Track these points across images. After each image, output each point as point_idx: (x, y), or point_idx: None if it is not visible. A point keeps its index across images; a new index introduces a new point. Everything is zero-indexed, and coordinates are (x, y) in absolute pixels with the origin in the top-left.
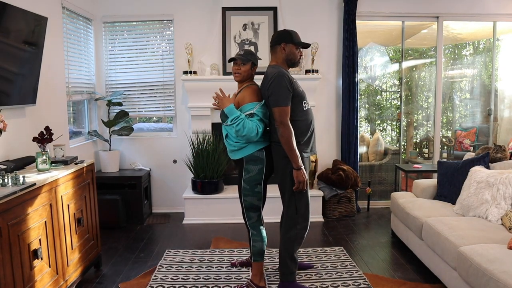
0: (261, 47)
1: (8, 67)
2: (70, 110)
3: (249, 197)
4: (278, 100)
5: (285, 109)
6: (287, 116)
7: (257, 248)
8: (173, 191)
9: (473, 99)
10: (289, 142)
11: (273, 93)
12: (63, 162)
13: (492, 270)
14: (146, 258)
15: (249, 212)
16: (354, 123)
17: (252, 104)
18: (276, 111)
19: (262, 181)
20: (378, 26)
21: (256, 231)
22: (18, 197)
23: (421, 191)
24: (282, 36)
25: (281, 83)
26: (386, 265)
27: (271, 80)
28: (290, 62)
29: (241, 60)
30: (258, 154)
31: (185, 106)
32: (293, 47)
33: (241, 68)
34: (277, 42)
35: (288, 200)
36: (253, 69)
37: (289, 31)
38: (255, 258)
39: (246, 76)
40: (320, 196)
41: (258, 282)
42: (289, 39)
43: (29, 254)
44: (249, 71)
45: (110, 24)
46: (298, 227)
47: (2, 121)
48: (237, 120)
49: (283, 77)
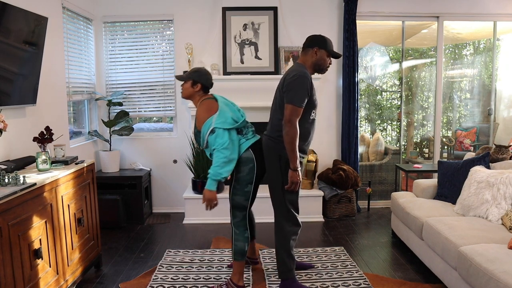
0: (261, 47)
1: (9, 67)
2: (70, 110)
3: (237, 196)
4: (294, 98)
5: (298, 109)
6: (297, 116)
7: (238, 247)
8: (173, 191)
9: (473, 99)
10: (293, 142)
11: (291, 90)
12: (63, 162)
13: (492, 270)
14: (147, 258)
15: (235, 211)
16: (354, 123)
17: (208, 122)
18: (288, 107)
19: (253, 181)
20: (379, 26)
21: (239, 230)
22: (18, 197)
23: (421, 191)
24: (317, 41)
25: (302, 83)
26: (386, 265)
27: (294, 77)
28: (318, 68)
29: (179, 79)
30: (247, 155)
31: (185, 106)
32: (325, 54)
33: (183, 85)
34: (311, 45)
35: (278, 197)
36: (195, 87)
37: (325, 38)
38: (236, 257)
39: (189, 93)
40: (321, 196)
41: (237, 282)
42: (323, 45)
43: (29, 254)
44: (189, 88)
45: (110, 24)
46: (290, 224)
47: (3, 121)
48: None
49: (306, 78)
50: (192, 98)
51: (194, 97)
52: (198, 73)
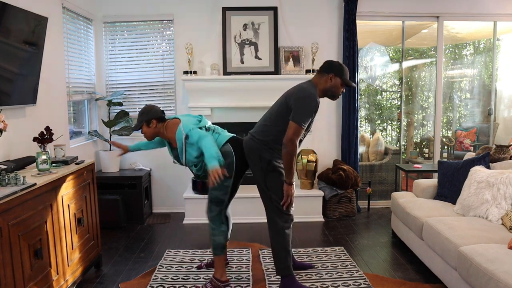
0: (261, 47)
1: (9, 67)
2: (70, 110)
3: (215, 191)
4: (299, 118)
5: (300, 129)
6: (298, 136)
7: (216, 242)
8: (173, 191)
9: (473, 99)
10: (291, 160)
11: (298, 108)
12: (63, 162)
13: (492, 270)
14: (147, 258)
15: (212, 205)
16: (355, 123)
17: (178, 134)
18: (292, 127)
19: (233, 176)
20: (379, 26)
21: (215, 224)
22: (18, 197)
23: (421, 191)
24: (334, 68)
25: (310, 105)
26: (386, 265)
27: (305, 97)
28: (330, 94)
29: (135, 129)
30: (225, 149)
31: (185, 106)
32: (340, 82)
33: (142, 131)
34: (327, 71)
35: (265, 196)
36: (151, 125)
37: (343, 66)
38: (215, 252)
39: (152, 133)
40: (321, 196)
41: (220, 277)
42: (340, 74)
43: (29, 254)
44: (148, 129)
45: (110, 24)
46: (283, 219)
47: (3, 121)
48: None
49: (316, 101)
50: (158, 134)
51: (159, 132)
52: (145, 114)
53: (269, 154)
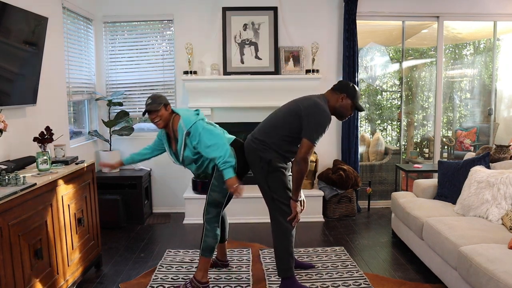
0: (261, 47)
1: (9, 67)
2: (70, 110)
3: (215, 193)
4: (313, 135)
5: (313, 147)
6: (311, 154)
7: (207, 243)
8: (173, 191)
9: (474, 99)
10: (302, 178)
11: (313, 126)
12: (63, 162)
13: (492, 270)
14: (147, 258)
15: (210, 207)
16: (355, 123)
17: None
18: (305, 144)
19: None
20: (379, 26)
21: (210, 226)
22: (18, 197)
23: (421, 191)
24: (347, 89)
25: (325, 123)
26: (386, 265)
27: (319, 113)
28: (338, 113)
29: (155, 109)
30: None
31: (185, 106)
32: (350, 105)
33: (158, 114)
34: (340, 90)
35: (268, 196)
36: (168, 109)
37: (356, 90)
38: (204, 253)
39: (166, 118)
40: (321, 196)
41: (200, 278)
42: (352, 96)
43: (29, 254)
44: (165, 113)
45: (110, 24)
46: (286, 221)
47: (3, 121)
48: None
49: (329, 120)
50: (168, 123)
51: (169, 121)
52: (162, 97)
53: (269, 154)
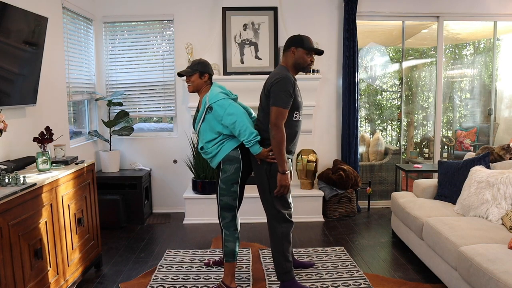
0: (261, 47)
1: (9, 67)
2: (70, 110)
3: (225, 197)
4: (278, 101)
5: (283, 111)
6: (283, 119)
7: (229, 248)
8: (173, 191)
9: (474, 99)
10: (280, 146)
11: (274, 93)
12: (63, 162)
13: (492, 270)
14: (147, 258)
15: (224, 212)
16: (355, 123)
17: (204, 100)
18: (273, 110)
19: (239, 180)
20: (379, 26)
21: (229, 231)
22: (18, 197)
23: (421, 191)
24: (293, 41)
25: (284, 86)
26: (386, 265)
27: (276, 80)
28: (299, 67)
29: (186, 73)
30: (234, 154)
31: (185, 106)
32: (303, 52)
33: (190, 79)
34: (288, 46)
35: (266, 199)
36: (203, 78)
37: (301, 36)
38: (227, 259)
39: (198, 85)
40: (321, 196)
41: (229, 284)
42: (300, 44)
43: (29, 254)
44: (198, 80)
45: (110, 24)
46: (283, 225)
47: (3, 121)
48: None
49: (288, 80)
50: (200, 90)
51: (202, 89)
52: (203, 64)
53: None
